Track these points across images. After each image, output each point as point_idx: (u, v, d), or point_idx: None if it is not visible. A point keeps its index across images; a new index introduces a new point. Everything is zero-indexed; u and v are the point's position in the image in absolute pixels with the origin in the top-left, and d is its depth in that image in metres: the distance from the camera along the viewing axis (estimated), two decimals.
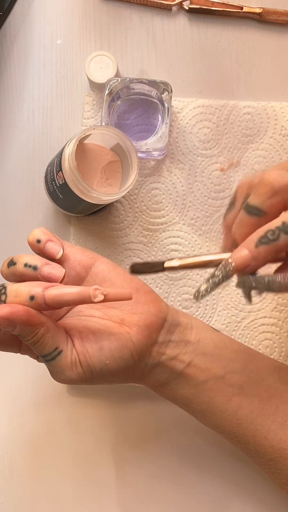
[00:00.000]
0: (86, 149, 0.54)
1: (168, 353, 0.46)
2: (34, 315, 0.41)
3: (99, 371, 0.43)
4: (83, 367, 0.43)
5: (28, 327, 0.41)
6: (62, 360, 0.43)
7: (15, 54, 0.61)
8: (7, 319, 0.40)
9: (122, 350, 0.44)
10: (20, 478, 0.58)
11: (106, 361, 0.43)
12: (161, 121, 0.56)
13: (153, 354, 0.46)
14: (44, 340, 0.42)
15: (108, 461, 0.58)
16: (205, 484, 0.58)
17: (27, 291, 0.41)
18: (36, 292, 0.41)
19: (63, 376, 0.43)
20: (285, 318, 0.59)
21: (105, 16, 0.61)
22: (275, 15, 0.60)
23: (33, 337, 0.41)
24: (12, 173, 0.60)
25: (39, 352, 0.42)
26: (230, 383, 0.47)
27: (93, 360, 0.43)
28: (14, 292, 0.42)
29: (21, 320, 0.40)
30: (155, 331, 0.46)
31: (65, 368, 0.43)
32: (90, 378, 0.44)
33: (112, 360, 0.43)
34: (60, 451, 0.58)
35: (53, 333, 0.42)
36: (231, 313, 0.59)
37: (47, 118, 0.60)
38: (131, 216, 0.59)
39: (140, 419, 0.58)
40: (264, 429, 0.46)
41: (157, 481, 0.58)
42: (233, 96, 0.61)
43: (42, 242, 0.44)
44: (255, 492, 0.58)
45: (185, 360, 0.46)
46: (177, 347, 0.46)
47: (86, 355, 0.43)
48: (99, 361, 0.43)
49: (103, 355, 0.43)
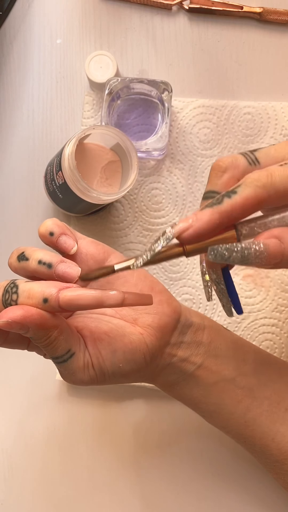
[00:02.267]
0: (86, 149, 0.54)
1: (179, 355, 0.45)
2: (48, 319, 0.39)
3: (111, 374, 0.42)
4: (95, 370, 0.42)
5: (41, 331, 0.39)
6: (74, 362, 0.41)
7: (15, 54, 0.61)
8: (19, 323, 0.38)
9: (136, 353, 0.43)
10: (20, 478, 0.58)
11: (119, 364, 0.42)
12: (161, 121, 0.56)
13: (165, 355, 0.45)
14: (57, 343, 0.40)
15: (108, 461, 0.58)
16: (205, 484, 0.58)
17: (40, 293, 0.38)
18: (50, 295, 0.38)
19: (74, 378, 0.42)
20: (285, 319, 0.59)
21: (105, 16, 0.61)
22: (275, 15, 0.60)
23: (46, 340, 0.40)
24: (12, 173, 0.60)
25: (51, 354, 0.41)
26: (240, 386, 0.46)
27: (106, 363, 0.42)
28: (27, 292, 0.39)
29: (35, 324, 0.38)
30: (169, 332, 0.45)
31: (77, 370, 0.42)
32: (102, 380, 0.43)
33: (126, 363, 0.42)
34: (60, 451, 0.58)
35: (66, 335, 0.40)
36: None
37: (47, 118, 0.60)
38: (131, 216, 0.59)
39: (140, 419, 0.58)
40: (272, 432, 0.46)
41: (157, 481, 0.58)
42: (233, 96, 0.61)
43: (55, 236, 0.42)
44: (258, 492, 0.57)
45: (196, 362, 0.46)
46: (189, 348, 0.46)
47: (99, 358, 0.42)
48: (112, 364, 0.42)
49: (116, 358, 0.42)
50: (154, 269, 0.59)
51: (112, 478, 0.58)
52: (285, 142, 0.39)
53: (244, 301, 0.59)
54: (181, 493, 0.58)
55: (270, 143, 0.60)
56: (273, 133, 0.60)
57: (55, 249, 0.43)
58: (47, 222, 0.42)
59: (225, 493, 0.58)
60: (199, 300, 0.59)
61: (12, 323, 0.38)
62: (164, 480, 0.58)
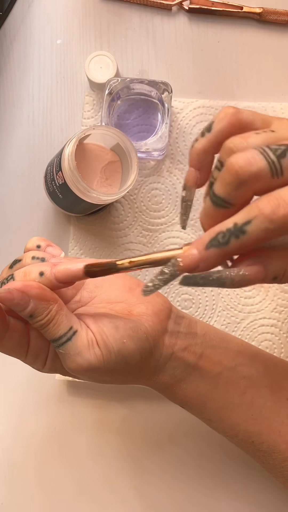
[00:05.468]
0: (86, 149, 0.54)
1: (179, 344, 0.45)
2: (47, 290, 0.40)
3: (117, 352, 0.42)
4: (100, 348, 0.42)
5: (42, 302, 0.40)
6: (78, 340, 0.41)
7: (15, 54, 0.61)
8: (21, 292, 0.39)
9: (138, 330, 0.43)
10: (20, 478, 0.58)
11: (123, 339, 0.42)
12: (161, 121, 0.56)
13: (166, 343, 0.45)
14: (59, 318, 0.41)
15: (108, 461, 0.58)
16: (205, 484, 0.58)
17: (36, 269, 0.41)
18: (45, 268, 0.40)
19: (81, 359, 0.41)
20: (284, 319, 0.59)
21: (105, 16, 0.61)
22: (275, 15, 0.60)
23: (47, 315, 0.40)
24: (12, 173, 0.60)
25: (53, 334, 0.41)
26: (241, 375, 0.46)
27: (110, 339, 0.42)
28: (23, 272, 0.41)
29: (35, 293, 0.40)
30: (164, 319, 0.45)
31: (82, 349, 0.41)
32: (108, 360, 0.42)
33: (129, 339, 0.42)
34: (60, 451, 0.58)
35: (67, 312, 0.41)
36: (231, 313, 0.59)
37: (47, 118, 0.60)
38: (130, 216, 0.59)
39: (140, 419, 0.58)
40: (278, 423, 0.46)
41: (157, 481, 0.58)
42: (233, 96, 0.61)
43: (42, 247, 0.44)
44: (258, 493, 0.58)
45: (196, 352, 0.46)
46: (187, 338, 0.46)
47: (102, 334, 0.42)
48: (116, 340, 0.42)
49: (120, 333, 0.42)
50: (154, 269, 0.59)
51: (112, 478, 0.58)
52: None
53: (244, 301, 0.59)
54: (181, 493, 0.58)
55: None
56: None
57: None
58: (32, 238, 0.45)
59: (225, 494, 0.58)
60: (198, 300, 0.59)
61: (13, 291, 0.39)
62: (164, 480, 0.58)
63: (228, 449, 0.57)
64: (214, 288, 0.59)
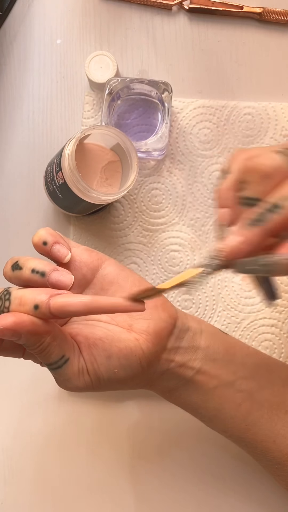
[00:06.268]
0: (86, 149, 0.54)
1: (177, 360, 0.45)
2: (39, 325, 0.39)
3: (107, 380, 0.42)
4: (90, 376, 0.42)
5: (33, 337, 0.39)
6: (69, 368, 0.41)
7: (15, 54, 0.61)
8: (11, 330, 0.38)
9: (131, 358, 0.42)
10: (20, 478, 0.58)
11: (114, 369, 0.42)
12: (161, 121, 0.56)
13: (162, 361, 0.44)
14: (51, 349, 0.40)
15: (108, 462, 0.58)
16: (205, 486, 0.58)
17: (31, 300, 0.38)
18: (41, 301, 0.38)
19: (70, 384, 0.42)
20: (285, 319, 0.59)
21: (105, 16, 0.61)
22: (275, 15, 0.60)
23: (39, 346, 0.40)
24: (12, 173, 0.60)
25: (45, 360, 0.41)
26: (239, 389, 0.46)
27: (101, 369, 0.42)
28: (19, 299, 0.39)
29: (26, 330, 0.38)
30: (165, 337, 0.44)
31: (72, 376, 0.41)
32: (97, 386, 0.42)
33: (121, 368, 0.42)
34: (60, 451, 0.58)
35: (60, 341, 0.40)
36: (231, 313, 0.59)
37: (47, 118, 0.60)
38: (130, 216, 0.59)
39: (140, 420, 0.58)
40: (273, 434, 0.46)
41: (157, 481, 0.58)
42: (233, 96, 0.61)
43: (48, 245, 0.42)
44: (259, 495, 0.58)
45: (194, 367, 0.45)
46: (187, 353, 0.45)
47: (94, 364, 0.42)
48: (107, 370, 0.42)
49: (112, 364, 0.42)
50: (154, 269, 0.59)
51: (112, 478, 0.58)
52: None
53: (244, 301, 0.59)
54: (180, 494, 0.58)
55: (270, 144, 0.60)
56: (273, 134, 0.60)
57: (49, 258, 0.43)
58: (40, 231, 0.43)
59: (225, 495, 0.58)
60: (199, 300, 0.59)
61: (3, 330, 0.38)
62: (164, 481, 0.58)
63: (228, 449, 0.57)
64: (214, 288, 0.59)
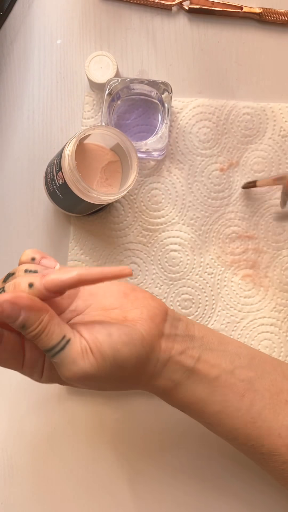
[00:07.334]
0: (86, 149, 0.54)
1: (176, 348, 0.45)
2: (36, 300, 0.40)
3: (112, 358, 0.42)
4: (94, 355, 0.41)
5: (32, 312, 0.40)
6: (72, 349, 0.41)
7: (15, 54, 0.61)
8: (10, 302, 0.39)
9: (132, 336, 0.43)
10: (20, 478, 0.58)
11: (117, 346, 0.42)
12: (161, 121, 0.56)
13: (163, 347, 0.45)
14: (51, 327, 0.41)
15: (108, 461, 0.58)
16: (204, 485, 0.58)
17: (25, 281, 0.41)
18: (34, 279, 0.40)
19: (76, 367, 0.41)
20: (284, 318, 0.59)
21: (105, 16, 0.61)
22: (275, 15, 0.60)
23: (39, 325, 0.40)
24: (12, 173, 0.60)
25: (46, 343, 0.41)
26: (240, 378, 0.46)
27: (104, 346, 0.42)
28: (12, 285, 0.41)
29: (25, 303, 0.40)
30: (160, 323, 0.45)
31: (76, 357, 0.41)
32: (103, 367, 0.42)
33: (123, 345, 0.42)
34: (60, 451, 0.58)
35: (58, 321, 0.41)
36: (230, 313, 0.59)
37: (47, 118, 0.60)
38: (130, 216, 0.59)
39: (140, 418, 0.59)
40: (277, 426, 0.46)
41: (157, 480, 0.58)
42: (233, 96, 0.61)
43: (37, 260, 0.44)
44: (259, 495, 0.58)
45: (194, 356, 0.46)
46: (184, 342, 0.46)
47: (96, 342, 0.42)
48: (110, 346, 0.42)
49: (113, 340, 0.42)
50: (154, 269, 0.59)
51: (112, 478, 0.58)
52: None
53: (243, 300, 0.59)
54: (180, 494, 0.58)
55: (269, 144, 0.60)
56: (272, 134, 0.60)
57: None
58: (26, 251, 0.45)
59: (225, 495, 0.58)
60: (198, 300, 0.59)
61: (2, 303, 0.39)
62: (164, 481, 0.58)
63: (227, 450, 0.57)
64: (213, 287, 0.59)
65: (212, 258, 0.59)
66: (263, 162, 0.60)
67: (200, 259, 0.59)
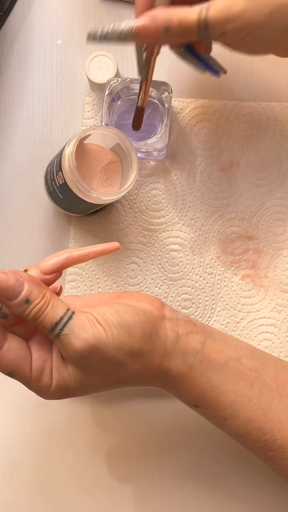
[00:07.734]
0: (86, 149, 0.54)
1: (181, 332, 0.46)
2: (36, 278, 0.43)
3: (117, 324, 0.42)
4: (101, 323, 0.42)
5: (35, 285, 0.41)
6: (79, 317, 0.42)
7: (15, 54, 0.61)
8: (15, 273, 0.41)
9: (134, 308, 0.44)
10: (20, 478, 0.58)
11: (120, 313, 0.43)
12: (161, 122, 0.56)
13: (168, 326, 0.45)
14: (55, 301, 0.42)
15: (108, 461, 0.58)
16: (205, 485, 0.58)
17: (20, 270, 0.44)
18: (29, 267, 0.44)
19: (87, 334, 0.42)
20: (284, 319, 0.59)
21: (105, 16, 0.61)
22: None
23: (43, 297, 0.41)
24: (12, 173, 0.60)
25: (53, 317, 0.42)
26: (247, 367, 0.46)
27: (107, 314, 0.43)
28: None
29: (27, 277, 0.42)
30: (159, 307, 0.46)
31: (86, 323, 0.42)
32: (111, 333, 0.42)
33: (126, 313, 0.43)
34: (60, 451, 0.58)
35: (60, 298, 0.43)
36: (230, 313, 0.59)
37: (47, 118, 0.60)
38: (130, 216, 0.59)
39: (140, 419, 0.59)
40: (287, 418, 0.46)
41: (157, 480, 0.58)
42: (233, 96, 0.61)
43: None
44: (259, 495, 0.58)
45: (199, 339, 0.46)
46: (187, 326, 0.46)
47: (99, 313, 0.43)
48: (113, 315, 0.43)
49: (116, 309, 0.43)
50: (154, 269, 0.59)
51: (112, 477, 0.58)
52: None
53: (243, 300, 0.59)
54: (180, 494, 0.58)
55: (270, 144, 0.60)
56: (273, 134, 0.60)
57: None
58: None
59: (226, 494, 0.58)
60: (198, 300, 0.59)
61: (8, 273, 0.41)
62: (164, 480, 0.58)
63: (227, 450, 0.58)
64: (214, 287, 0.59)
65: (212, 258, 0.59)
66: (263, 162, 0.60)
67: (200, 259, 0.59)
